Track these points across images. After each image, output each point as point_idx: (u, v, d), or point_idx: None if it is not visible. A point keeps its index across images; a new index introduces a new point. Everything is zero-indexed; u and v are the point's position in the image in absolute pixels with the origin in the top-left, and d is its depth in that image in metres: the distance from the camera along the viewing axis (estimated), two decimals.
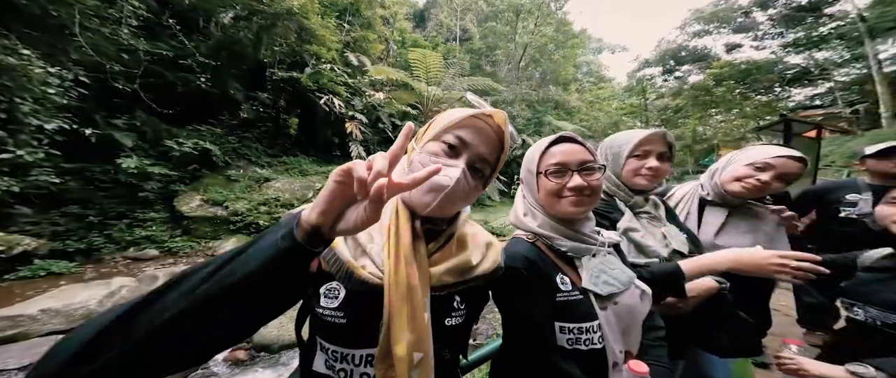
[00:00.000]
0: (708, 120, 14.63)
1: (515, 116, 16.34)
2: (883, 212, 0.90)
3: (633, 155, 0.90)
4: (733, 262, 0.80)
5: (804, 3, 14.24)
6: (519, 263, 0.63)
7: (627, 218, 0.88)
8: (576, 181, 0.64)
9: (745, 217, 1.02)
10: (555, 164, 0.66)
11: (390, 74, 9.44)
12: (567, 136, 0.70)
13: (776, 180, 0.94)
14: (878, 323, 0.84)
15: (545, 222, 0.69)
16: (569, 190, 0.65)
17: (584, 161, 0.66)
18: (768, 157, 0.95)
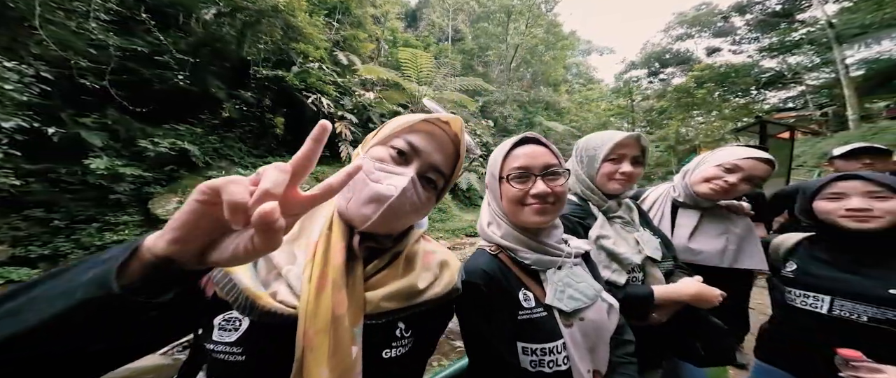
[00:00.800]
0: (690, 121, 15.06)
1: (507, 116, 16.42)
2: (825, 208, 0.88)
3: (609, 159, 0.86)
4: (694, 297, 0.78)
5: (778, 10, 14.87)
6: (478, 279, 0.57)
7: (599, 224, 0.84)
8: (539, 187, 0.59)
9: (717, 219, 1.00)
10: (518, 167, 0.61)
11: (381, 74, 9.30)
12: (531, 137, 0.64)
13: (744, 182, 0.92)
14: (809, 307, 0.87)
15: (509, 232, 0.64)
16: (532, 197, 0.60)
17: (549, 165, 0.61)
18: (737, 158, 0.93)
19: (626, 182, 0.85)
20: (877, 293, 0.78)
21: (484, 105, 16.04)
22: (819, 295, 0.85)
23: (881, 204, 0.80)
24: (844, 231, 0.83)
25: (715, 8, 17.86)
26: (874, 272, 0.80)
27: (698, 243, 0.96)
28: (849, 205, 0.82)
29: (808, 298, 0.86)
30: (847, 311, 0.81)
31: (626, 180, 0.85)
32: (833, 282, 0.83)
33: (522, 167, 0.61)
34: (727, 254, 0.93)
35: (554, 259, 0.62)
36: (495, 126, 15.52)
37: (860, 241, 0.83)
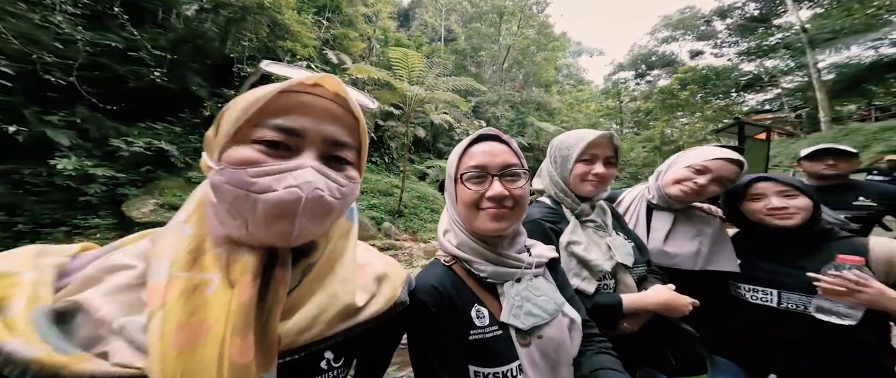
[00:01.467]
0: (674, 122, 15.46)
1: (499, 117, 16.47)
2: (751, 208, 0.92)
3: (581, 159, 0.82)
4: (663, 305, 0.75)
5: (756, 14, 15.42)
6: (425, 296, 0.51)
7: (570, 229, 0.79)
8: (496, 189, 0.53)
9: (690, 221, 0.98)
10: (473, 167, 0.55)
11: (372, 73, 9.15)
12: (490, 133, 0.58)
13: (713, 183, 0.90)
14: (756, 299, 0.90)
15: (464, 242, 0.57)
16: (487, 200, 0.53)
17: (508, 164, 0.54)
18: (705, 159, 0.91)
19: (599, 184, 0.81)
20: None
21: (476, 105, 16.04)
22: (768, 289, 0.87)
23: (793, 201, 0.85)
24: (772, 228, 0.88)
25: (698, 12, 18.39)
26: (809, 264, 0.83)
27: (673, 246, 0.94)
28: (770, 204, 0.87)
29: (757, 293, 0.89)
30: (794, 303, 0.84)
31: (599, 182, 0.81)
32: (778, 275, 0.86)
33: (478, 166, 0.54)
34: (700, 256, 0.91)
35: (512, 271, 0.56)
36: (488, 126, 15.50)
37: (788, 236, 0.87)
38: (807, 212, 0.85)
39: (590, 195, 0.83)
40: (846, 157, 1.46)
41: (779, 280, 0.86)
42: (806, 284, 0.82)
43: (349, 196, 0.37)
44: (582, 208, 0.83)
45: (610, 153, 0.83)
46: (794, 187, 0.87)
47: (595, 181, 0.81)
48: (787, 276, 0.85)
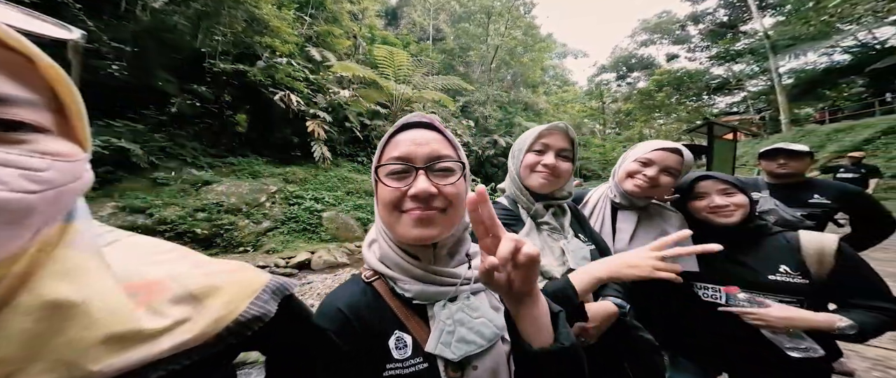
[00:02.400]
0: (652, 122, 16.08)
1: (488, 117, 16.53)
2: (696, 206, 0.92)
3: (532, 149, 0.75)
4: (614, 271, 0.64)
5: (725, 21, 16.23)
6: (328, 322, 0.41)
7: (525, 232, 0.72)
8: (419, 185, 0.41)
9: (653, 219, 0.95)
10: (396, 158, 0.43)
11: (357, 71, 8.91)
12: (420, 120, 0.46)
13: (662, 174, 0.89)
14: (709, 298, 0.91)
15: (387, 254, 0.46)
16: (410, 199, 0.42)
17: (437, 156, 0.43)
18: (648, 151, 0.91)
19: (549, 176, 0.74)
20: (756, 280, 0.83)
21: (465, 105, 16.02)
22: (718, 287, 0.88)
23: (732, 199, 0.87)
24: (716, 226, 0.89)
25: (674, 16, 19.17)
26: (750, 261, 0.85)
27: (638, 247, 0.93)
28: (713, 202, 0.88)
29: (707, 290, 0.90)
30: (738, 300, 0.84)
31: (549, 174, 0.74)
32: (726, 274, 0.87)
33: (401, 158, 0.43)
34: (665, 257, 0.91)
35: (444, 290, 0.44)
36: (476, 126, 15.56)
37: (729, 234, 0.87)
38: (745, 209, 0.86)
39: (541, 189, 0.75)
40: (797, 156, 1.49)
41: (725, 277, 0.87)
42: (749, 281, 0.83)
43: (55, 182, 0.22)
44: (536, 209, 0.76)
45: (564, 145, 0.75)
46: (732, 185, 0.88)
47: (545, 172, 0.73)
48: (731, 273, 0.86)
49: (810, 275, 0.79)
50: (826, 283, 0.79)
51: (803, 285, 0.79)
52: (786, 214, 1.35)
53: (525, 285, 0.34)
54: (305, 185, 6.33)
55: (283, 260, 4.21)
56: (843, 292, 0.79)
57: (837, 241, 0.80)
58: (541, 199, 0.76)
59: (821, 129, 10.64)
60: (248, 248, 4.65)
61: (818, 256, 0.79)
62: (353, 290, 0.46)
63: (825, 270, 0.78)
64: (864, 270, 0.79)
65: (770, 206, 1.41)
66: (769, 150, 1.55)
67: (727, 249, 0.85)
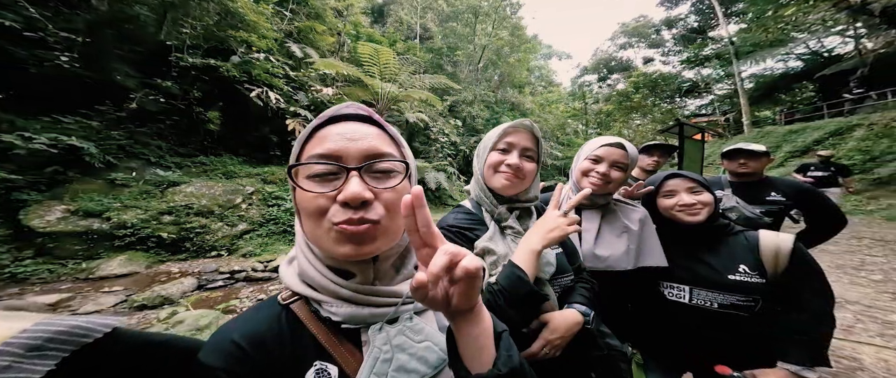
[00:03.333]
0: (630, 123, 16.73)
1: (475, 116, 16.58)
2: (663, 204, 0.92)
3: (497, 148, 0.71)
4: (545, 241, 0.62)
5: (695, 26, 17.11)
6: (218, 359, 0.33)
7: (488, 236, 0.67)
8: (352, 189, 0.32)
9: (617, 216, 0.93)
10: (320, 156, 0.34)
11: (340, 69, 8.63)
12: (355, 112, 0.38)
13: (613, 169, 0.88)
14: None
15: (308, 271, 0.37)
16: (340, 207, 0.33)
17: (375, 154, 0.35)
18: (596, 147, 0.90)
19: (513, 177, 0.69)
20: (719, 279, 0.82)
21: (452, 104, 15.99)
22: (682, 286, 0.87)
23: (699, 197, 0.87)
24: (683, 224, 0.88)
25: (650, 21, 19.96)
26: (713, 260, 0.84)
27: (603, 248, 0.88)
28: (681, 201, 0.88)
29: (673, 289, 0.88)
30: (702, 300, 0.83)
31: (512, 175, 0.69)
32: (689, 272, 0.86)
33: (328, 155, 0.34)
34: (630, 254, 0.86)
35: (380, 311, 0.36)
36: (464, 125, 15.59)
37: (697, 232, 0.87)
38: (711, 207, 0.85)
39: (504, 191, 0.71)
40: (756, 156, 1.53)
41: (690, 276, 0.85)
42: (713, 281, 0.81)
43: None
44: (499, 212, 0.71)
45: (528, 145, 0.70)
46: (699, 183, 0.87)
47: (508, 173, 0.69)
48: (696, 272, 0.85)
49: (767, 274, 0.79)
50: (779, 283, 0.78)
51: (760, 285, 0.78)
52: (746, 211, 1.46)
53: (464, 302, 0.29)
54: (285, 186, 6.08)
55: (261, 263, 4.02)
56: (793, 292, 0.78)
57: (793, 241, 0.79)
58: (505, 201, 0.72)
59: (778, 130, 11.45)
60: (222, 251, 4.40)
61: (774, 256, 0.79)
62: (258, 316, 0.37)
63: (780, 269, 0.78)
64: (814, 275, 0.79)
65: (732, 203, 1.52)
66: (731, 150, 1.58)
67: (691, 248, 0.87)
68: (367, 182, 0.34)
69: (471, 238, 0.68)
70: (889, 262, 3.64)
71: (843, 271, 3.38)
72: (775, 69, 14.76)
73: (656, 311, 0.91)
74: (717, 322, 0.80)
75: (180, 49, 5.51)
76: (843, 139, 8.87)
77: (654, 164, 1.88)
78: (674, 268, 0.87)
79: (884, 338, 2.01)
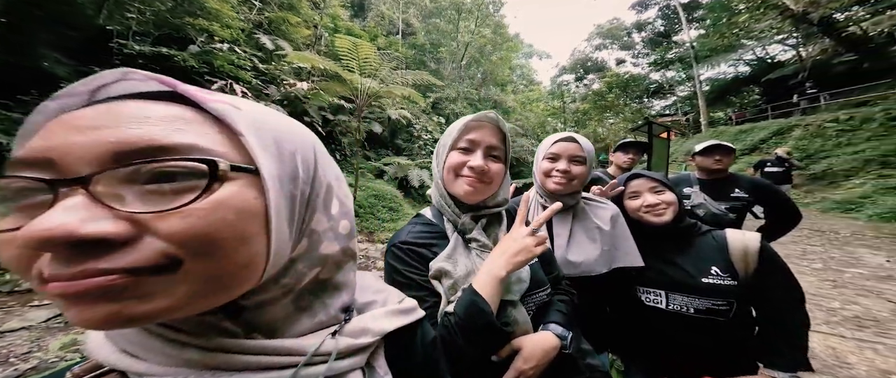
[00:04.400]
0: (605, 122, 17.48)
1: (458, 113, 16.51)
2: (630, 206, 0.88)
3: (457, 147, 0.60)
4: (510, 267, 0.53)
5: (661, 30, 18.12)
6: None
7: (447, 252, 0.57)
8: (54, 222, 0.16)
9: (588, 216, 0.86)
10: (19, 162, 0.18)
11: (316, 62, 8.13)
12: (166, 85, 0.22)
13: (573, 164, 0.82)
14: None
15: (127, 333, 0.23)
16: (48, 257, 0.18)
17: (153, 147, 0.18)
18: (550, 145, 0.86)
19: (476, 182, 0.58)
20: (693, 283, 0.77)
21: (436, 102, 15.81)
22: (658, 291, 0.83)
23: (662, 196, 0.83)
24: (650, 226, 0.84)
25: (622, 24, 20.82)
26: (685, 262, 0.80)
27: (576, 252, 0.81)
28: (646, 201, 0.84)
29: (649, 294, 0.84)
30: (679, 305, 0.79)
31: (476, 179, 0.57)
32: (663, 276, 0.82)
33: (29, 160, 0.18)
34: (605, 256, 0.80)
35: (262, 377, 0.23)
36: (447, 122, 15.50)
37: (665, 233, 0.84)
38: (675, 206, 0.82)
39: (468, 198, 0.59)
40: (729, 152, 1.55)
41: (664, 280, 0.81)
42: (687, 284, 0.77)
43: None
44: (463, 222, 0.59)
45: (494, 142, 0.59)
46: (661, 183, 0.84)
47: (471, 177, 0.57)
48: (670, 276, 0.81)
49: (738, 276, 0.76)
50: (750, 283, 0.75)
51: (733, 287, 0.75)
52: (713, 208, 1.48)
53: None
54: None
55: None
56: (764, 292, 0.75)
57: (759, 240, 0.77)
58: (469, 209, 0.61)
59: (730, 129, 12.46)
60: None
61: (743, 256, 0.76)
62: None
63: (750, 270, 0.75)
64: (782, 272, 0.76)
65: (700, 200, 1.52)
66: (708, 147, 1.58)
67: (663, 251, 0.83)
68: (100, 205, 0.18)
69: (428, 257, 0.57)
70: (826, 251, 3.94)
71: (789, 261, 3.58)
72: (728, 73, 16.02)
73: (634, 315, 0.87)
74: (696, 327, 0.77)
75: (124, 35, 4.91)
76: (783, 138, 9.71)
77: (630, 161, 1.90)
78: (648, 271, 0.83)
79: (829, 325, 2.06)
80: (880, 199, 5.86)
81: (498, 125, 0.60)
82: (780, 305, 0.75)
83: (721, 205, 1.50)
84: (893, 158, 6.75)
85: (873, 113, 8.31)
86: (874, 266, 3.34)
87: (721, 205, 1.50)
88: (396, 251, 0.58)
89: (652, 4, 18.87)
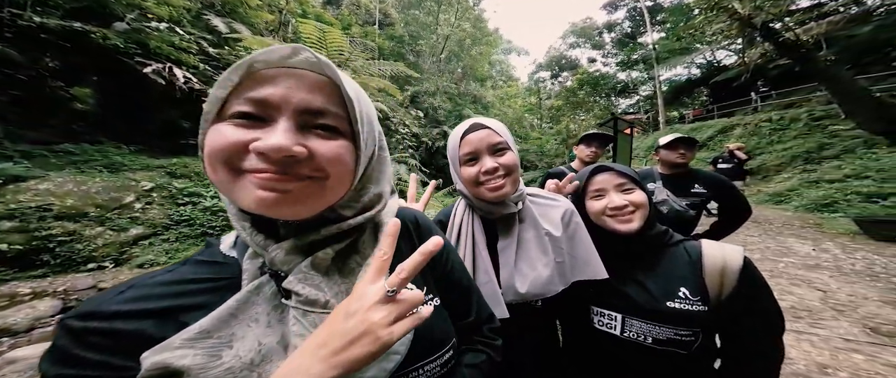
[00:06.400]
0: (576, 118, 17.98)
1: (437, 107, 16.14)
2: (593, 208, 0.69)
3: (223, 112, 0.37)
4: (339, 367, 0.26)
5: (628, 32, 18.72)
6: None
7: (219, 316, 0.25)
8: None
9: (534, 223, 0.66)
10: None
11: None
12: None
13: (497, 156, 0.64)
14: None
15: None
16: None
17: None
18: (459, 142, 0.65)
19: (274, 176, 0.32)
20: (656, 307, 0.60)
21: (414, 95, 15.33)
22: (613, 313, 0.65)
23: (631, 196, 0.65)
24: (616, 235, 0.65)
25: (594, 23, 21.26)
26: (650, 281, 0.63)
27: (524, 274, 0.61)
28: (612, 203, 0.65)
29: (603, 318, 0.66)
30: (635, 332, 0.62)
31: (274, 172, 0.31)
32: (622, 297, 0.65)
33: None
34: (559, 269, 0.62)
35: None
36: (426, 117, 15.11)
37: (630, 244, 0.66)
38: (645, 209, 0.64)
39: (253, 210, 0.26)
40: (692, 146, 1.48)
41: (623, 302, 0.64)
42: (649, 309, 0.61)
43: None
44: (272, 257, 0.32)
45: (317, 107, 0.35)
46: (631, 179, 0.66)
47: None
48: (630, 297, 0.64)
49: (709, 299, 0.59)
50: (722, 307, 0.59)
51: (702, 313, 0.58)
52: (675, 205, 1.40)
53: None
54: (204, 180, 5.14)
55: None
56: (736, 321, 0.59)
57: (743, 256, 0.60)
58: (297, 230, 0.33)
59: (683, 127, 13.30)
60: (107, 262, 3.54)
61: (720, 274, 0.59)
62: None
63: (724, 292, 0.59)
64: (765, 299, 0.59)
65: (663, 196, 1.44)
66: (672, 141, 1.50)
67: (625, 266, 0.65)
68: None
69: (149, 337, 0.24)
70: (763, 241, 4.10)
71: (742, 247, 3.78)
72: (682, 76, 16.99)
73: (585, 340, 0.70)
74: (652, 359, 0.61)
75: (22, 5, 4.08)
76: (727, 136, 10.51)
77: (593, 154, 1.73)
78: (605, 290, 0.65)
79: None
80: (805, 191, 6.28)
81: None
82: (754, 342, 0.58)
83: (682, 201, 1.42)
84: (815, 155, 7.29)
85: (799, 114, 9.20)
86: (803, 255, 3.46)
87: (682, 201, 1.42)
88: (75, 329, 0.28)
89: (621, 5, 19.36)
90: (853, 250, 3.59)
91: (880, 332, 1.88)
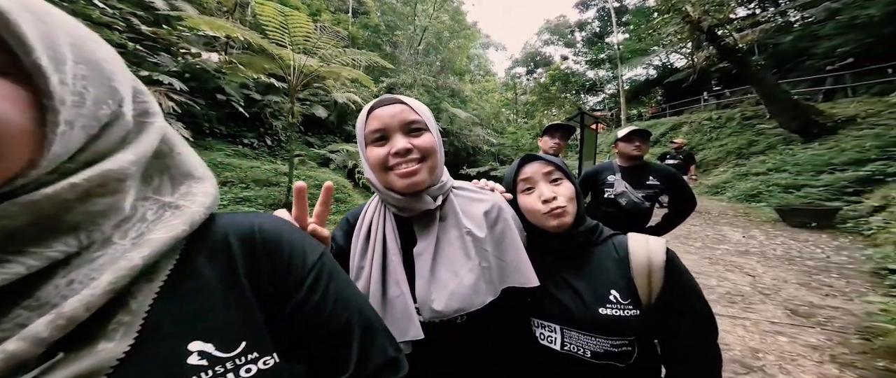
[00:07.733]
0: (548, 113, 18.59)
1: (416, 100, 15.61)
2: (524, 204, 0.61)
3: None
4: None
5: (597, 31, 19.50)
6: None
7: None
8: None
9: (455, 221, 0.53)
10: None
11: (232, 32, 6.48)
12: None
13: (411, 137, 0.52)
14: None
15: None
16: None
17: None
18: (366, 120, 0.54)
19: None
20: (589, 315, 0.53)
21: (391, 87, 14.67)
22: (552, 325, 0.56)
23: (559, 188, 0.57)
24: (550, 233, 0.57)
25: (567, 21, 21.83)
26: (582, 284, 0.56)
27: (445, 284, 0.49)
28: (542, 196, 0.57)
29: (544, 330, 0.57)
30: (574, 345, 0.54)
31: None
32: (557, 304, 0.56)
33: None
34: (485, 276, 0.51)
35: None
36: None
37: (563, 243, 0.58)
38: (574, 204, 0.57)
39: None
40: (646, 137, 1.51)
41: (558, 310, 0.56)
42: (583, 317, 0.53)
43: None
44: None
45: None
46: (557, 168, 0.58)
47: None
48: (564, 305, 0.56)
49: (640, 302, 0.53)
50: (655, 309, 0.53)
51: (634, 319, 0.52)
52: (633, 197, 1.34)
53: None
54: None
55: None
56: (670, 322, 0.53)
57: (665, 249, 0.54)
58: None
59: (641, 124, 14.34)
60: None
61: (647, 271, 0.53)
62: None
63: (655, 291, 0.53)
64: (693, 296, 0.54)
65: (622, 188, 1.37)
66: (628, 133, 1.50)
67: (556, 267, 0.58)
68: None
69: None
70: (703, 230, 4.39)
71: (679, 241, 3.78)
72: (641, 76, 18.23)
73: (529, 356, 0.60)
74: (592, 375, 0.54)
75: None
76: (676, 133, 11.53)
77: (557, 146, 1.62)
78: (542, 298, 0.57)
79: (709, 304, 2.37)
80: (737, 183, 6.86)
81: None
82: (693, 342, 0.54)
83: (639, 193, 1.47)
84: (745, 151, 7.99)
85: (734, 113, 10.40)
86: (735, 242, 3.65)
87: (639, 193, 1.47)
88: None
89: (592, 4, 19.99)
90: (774, 236, 3.96)
91: (798, 314, 2.03)
